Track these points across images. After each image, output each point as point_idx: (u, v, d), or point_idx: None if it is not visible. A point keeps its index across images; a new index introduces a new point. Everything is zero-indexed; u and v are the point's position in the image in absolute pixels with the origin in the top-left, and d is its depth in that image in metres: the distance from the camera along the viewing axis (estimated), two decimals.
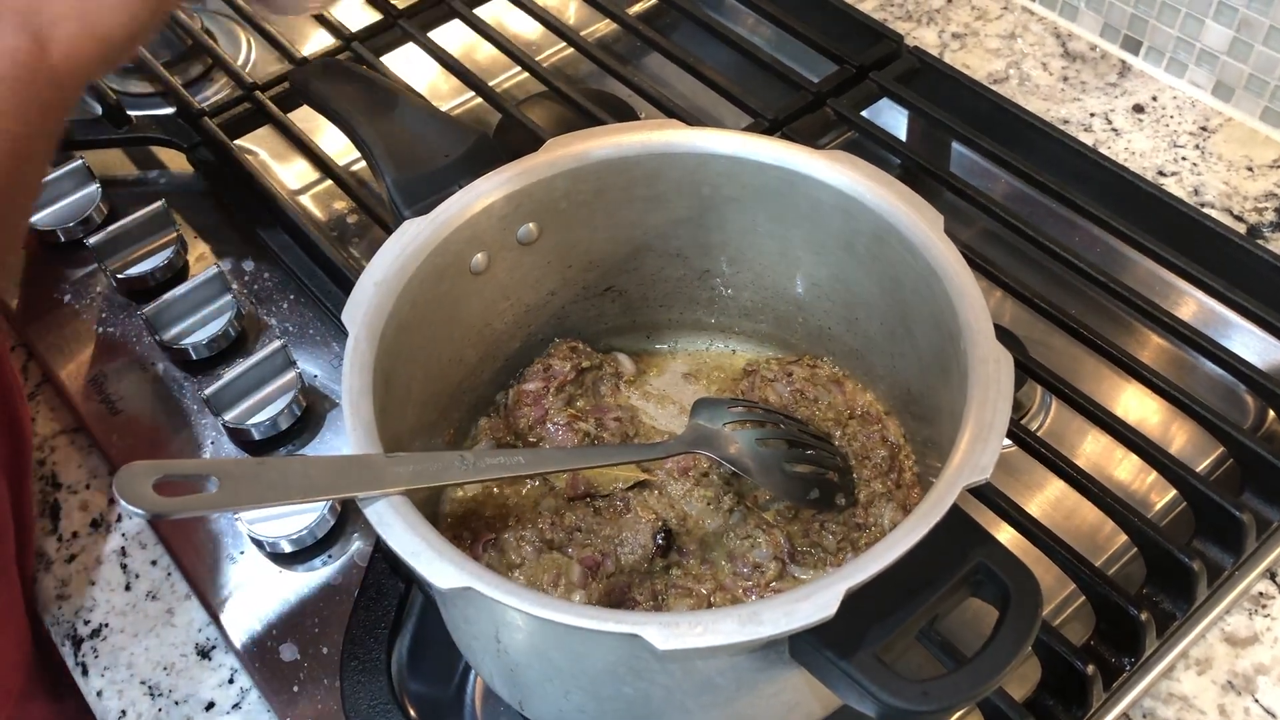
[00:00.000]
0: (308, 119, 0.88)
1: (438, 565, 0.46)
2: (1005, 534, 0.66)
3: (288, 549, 0.70)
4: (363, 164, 0.92)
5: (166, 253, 0.84)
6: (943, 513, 0.47)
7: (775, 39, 1.02)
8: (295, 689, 0.65)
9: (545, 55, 1.03)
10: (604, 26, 1.06)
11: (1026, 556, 0.50)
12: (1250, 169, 0.89)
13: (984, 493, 0.66)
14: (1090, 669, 0.60)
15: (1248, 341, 0.79)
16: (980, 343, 0.53)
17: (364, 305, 0.55)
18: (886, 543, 0.46)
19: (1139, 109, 0.94)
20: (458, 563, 0.46)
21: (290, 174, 0.95)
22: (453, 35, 1.01)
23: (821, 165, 0.61)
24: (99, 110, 0.93)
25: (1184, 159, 0.90)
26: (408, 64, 0.98)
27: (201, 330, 0.79)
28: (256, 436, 0.75)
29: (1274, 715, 0.63)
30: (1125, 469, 0.74)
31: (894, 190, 0.59)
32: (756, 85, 0.93)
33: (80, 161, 0.89)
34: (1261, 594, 0.67)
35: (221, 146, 0.89)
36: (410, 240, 0.58)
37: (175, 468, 0.47)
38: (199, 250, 0.88)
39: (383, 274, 0.57)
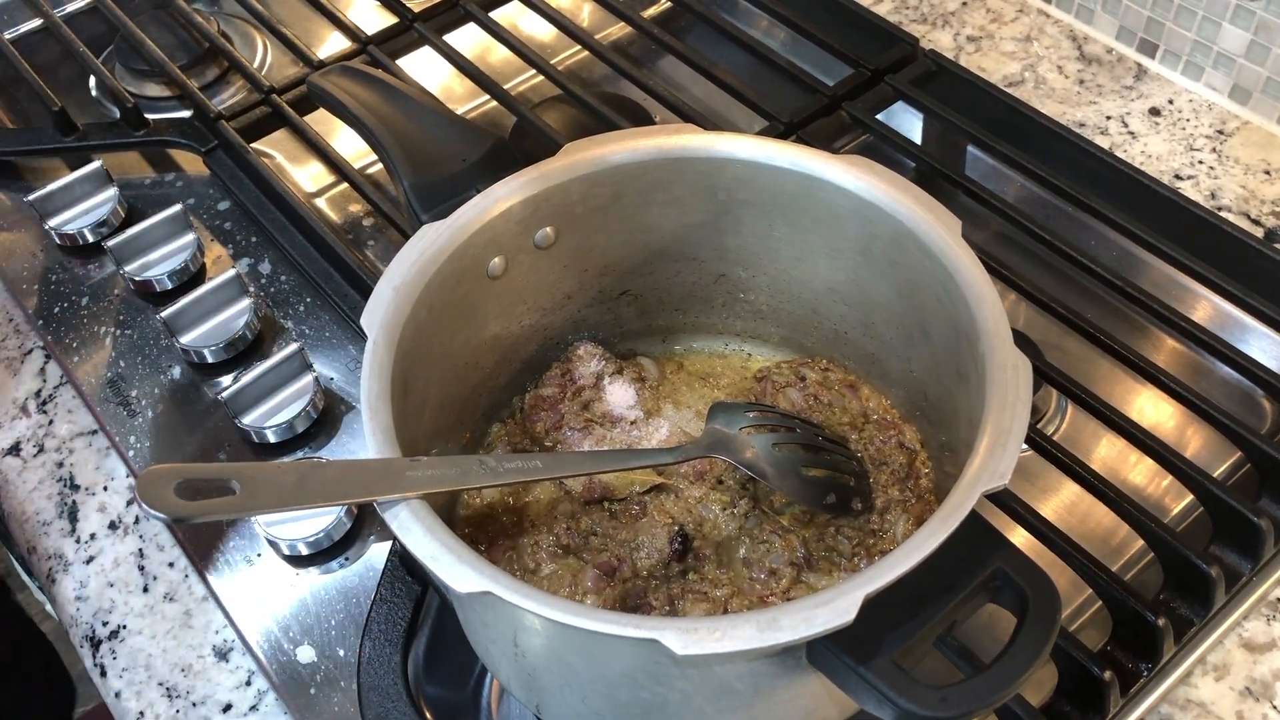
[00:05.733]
0: (323, 122, 0.88)
1: (457, 569, 0.46)
2: (1020, 538, 0.66)
3: (305, 551, 0.70)
4: (377, 166, 0.92)
5: (184, 256, 0.84)
6: (961, 518, 0.47)
7: (789, 42, 1.02)
8: (312, 691, 0.65)
9: (560, 58, 1.03)
10: (618, 29, 1.06)
11: (1042, 561, 0.49)
12: (1268, 172, 0.89)
13: (999, 497, 0.66)
14: (1107, 675, 0.60)
15: (1264, 345, 0.79)
16: (999, 348, 0.53)
17: (382, 309, 0.56)
18: (905, 549, 0.46)
19: (1155, 112, 0.94)
20: (477, 567, 0.46)
21: (306, 177, 0.95)
22: (467, 38, 1.01)
23: (839, 170, 0.61)
24: (117, 113, 0.94)
25: (1200, 162, 0.90)
26: (423, 67, 0.98)
27: (219, 333, 0.80)
28: (273, 439, 0.75)
29: None
30: (1140, 473, 0.74)
31: (912, 195, 0.59)
32: (771, 88, 0.93)
33: (99, 164, 0.89)
34: (1279, 600, 0.67)
35: (238, 149, 0.90)
36: (428, 245, 0.58)
37: (196, 472, 0.47)
38: (216, 253, 0.88)
39: (401, 278, 0.57)
